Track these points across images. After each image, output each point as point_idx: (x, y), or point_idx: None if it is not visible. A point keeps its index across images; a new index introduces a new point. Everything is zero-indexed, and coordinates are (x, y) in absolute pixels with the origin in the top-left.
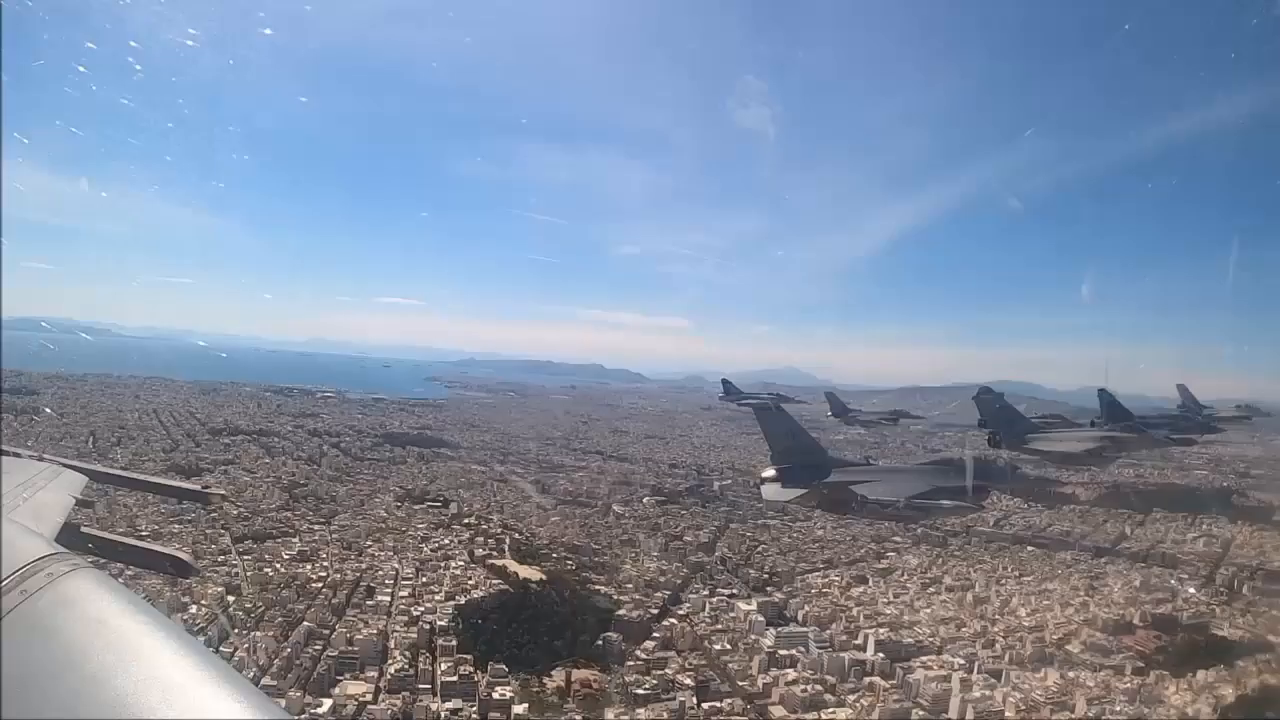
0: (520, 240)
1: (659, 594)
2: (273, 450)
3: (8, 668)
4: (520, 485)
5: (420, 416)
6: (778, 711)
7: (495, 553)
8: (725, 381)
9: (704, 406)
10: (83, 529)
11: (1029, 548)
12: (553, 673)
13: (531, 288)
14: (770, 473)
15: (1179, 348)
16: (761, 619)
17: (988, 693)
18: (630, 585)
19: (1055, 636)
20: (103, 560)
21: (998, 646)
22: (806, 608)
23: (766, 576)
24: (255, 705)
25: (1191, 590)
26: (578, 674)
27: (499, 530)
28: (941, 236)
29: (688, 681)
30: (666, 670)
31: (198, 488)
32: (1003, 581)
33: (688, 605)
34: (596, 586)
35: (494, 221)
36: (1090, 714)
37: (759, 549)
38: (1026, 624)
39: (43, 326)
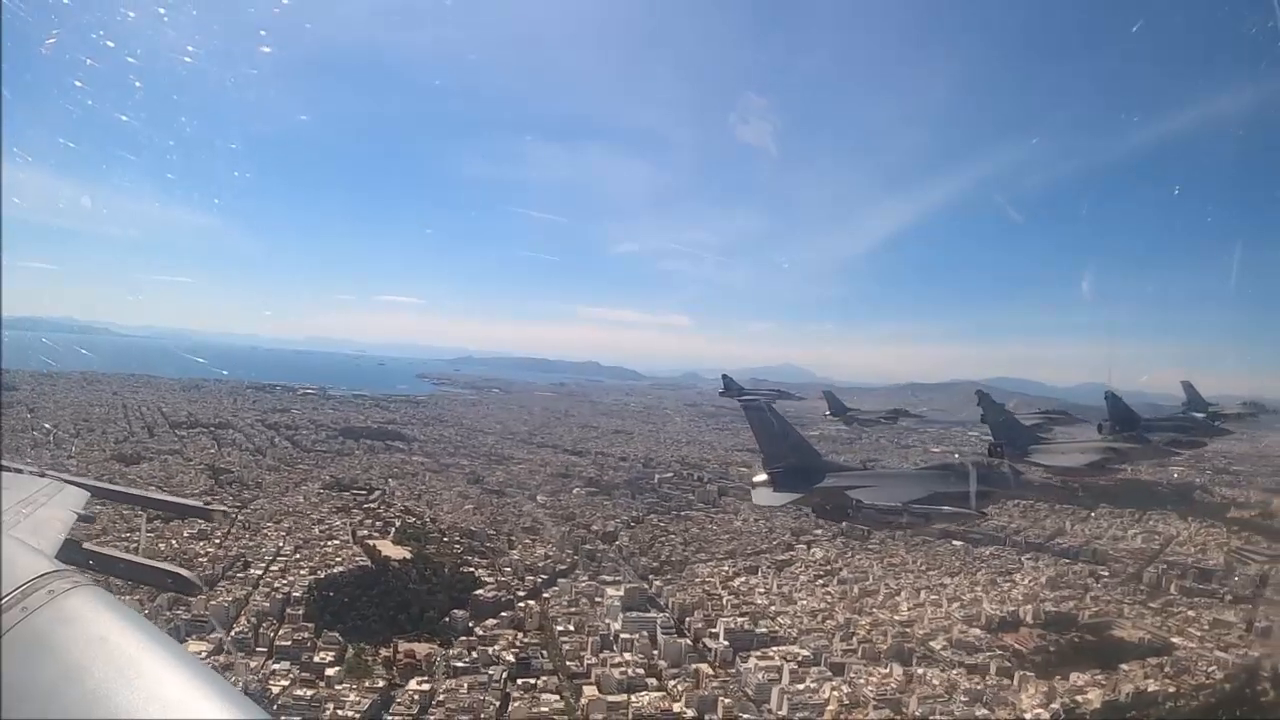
0: (520, 238)
1: (535, 578)
2: (223, 441)
3: (8, 685)
4: (455, 476)
5: (392, 412)
6: (590, 691)
7: (378, 534)
8: (725, 377)
9: (688, 403)
10: (84, 545)
11: (955, 542)
12: (390, 644)
13: (531, 286)
14: (761, 477)
15: (1177, 345)
16: (618, 604)
17: (815, 685)
18: (510, 569)
19: (923, 632)
20: (104, 577)
21: (855, 640)
22: (679, 596)
23: (657, 565)
24: None
25: (1101, 588)
26: (408, 646)
27: (396, 515)
28: (940, 234)
29: (510, 658)
30: (493, 647)
31: (200, 504)
32: (902, 575)
33: (556, 589)
34: (471, 569)
35: (494, 219)
36: (917, 712)
37: (665, 539)
38: (900, 618)
39: (42, 327)
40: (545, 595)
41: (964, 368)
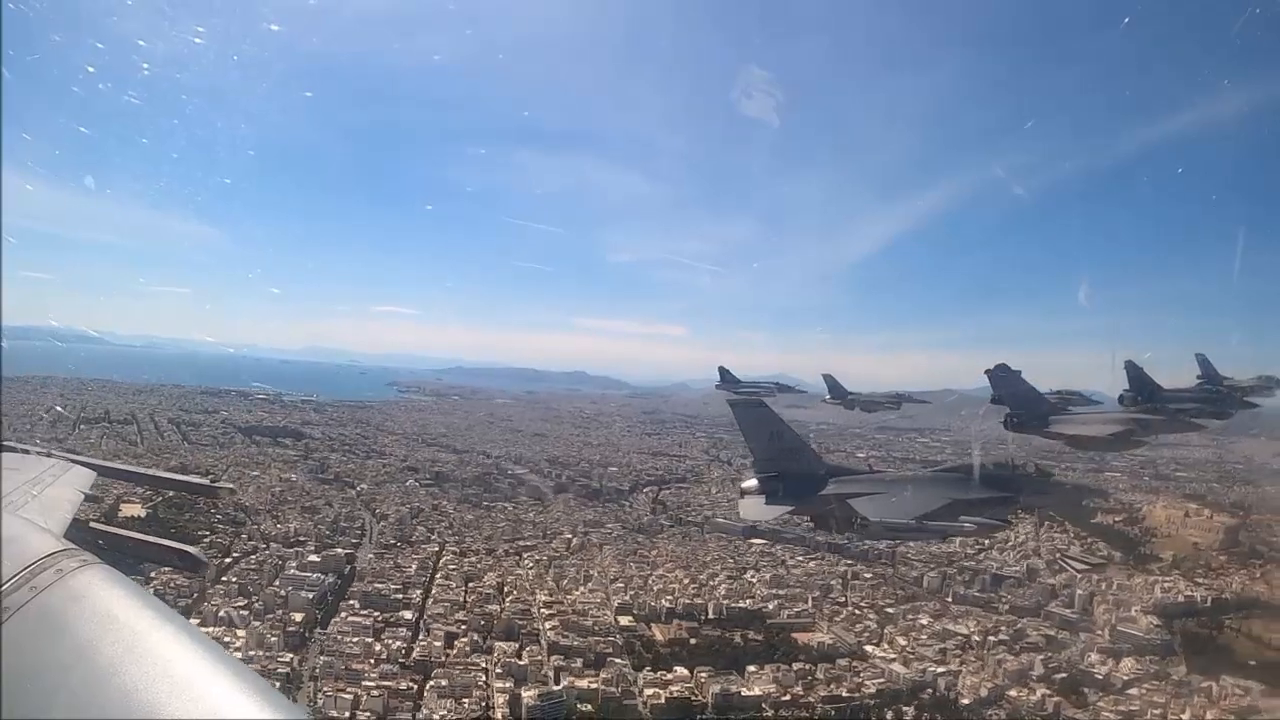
0: (518, 249)
1: (262, 545)
2: (109, 434)
3: (18, 663)
4: (301, 466)
5: (319, 414)
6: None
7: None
8: (722, 369)
9: (647, 410)
10: (91, 524)
11: (756, 541)
12: None
13: (528, 297)
14: (751, 483)
15: (1176, 349)
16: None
17: (402, 644)
18: (246, 536)
19: (545, 613)
20: (112, 555)
21: (483, 613)
22: (375, 565)
23: (396, 543)
24: (266, 701)
25: (846, 589)
26: None
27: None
28: (934, 242)
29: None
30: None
31: (206, 482)
32: (633, 565)
33: (265, 554)
34: (204, 535)
35: (491, 230)
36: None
37: (439, 524)
38: (544, 599)
39: (33, 335)
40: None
41: (959, 377)
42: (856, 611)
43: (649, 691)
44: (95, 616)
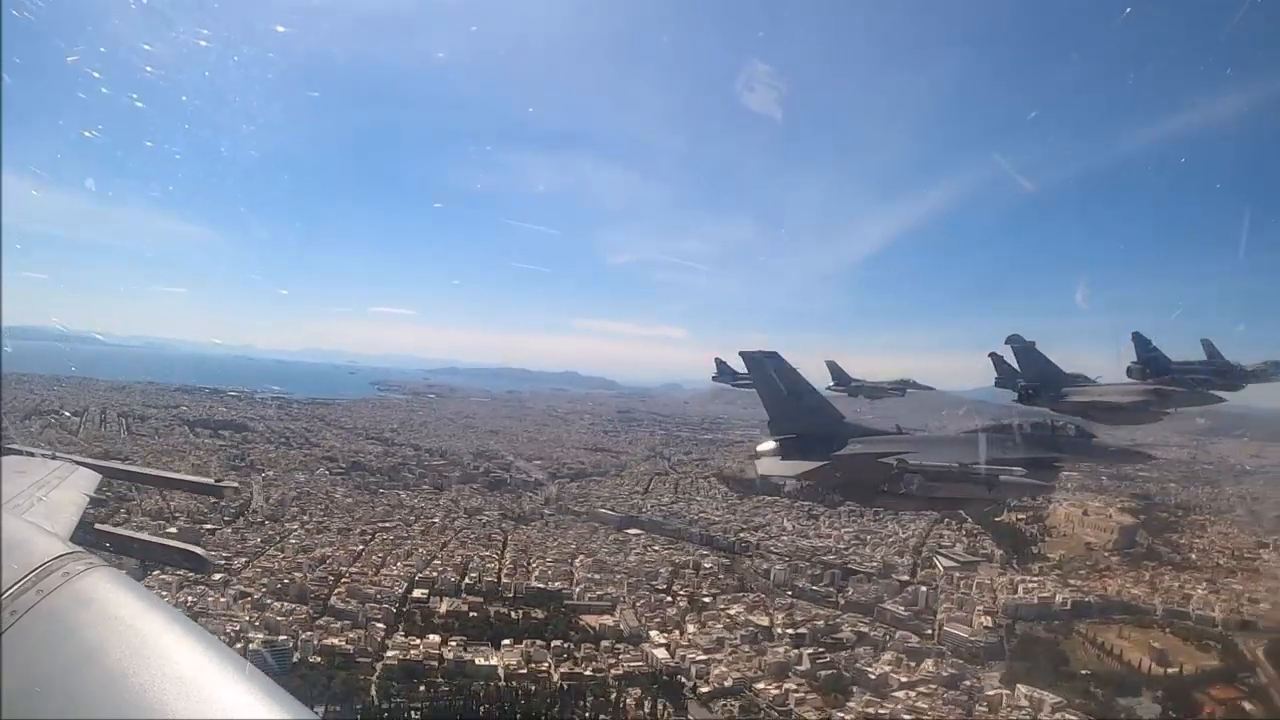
0: (516, 250)
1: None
2: (52, 424)
3: (26, 667)
4: (222, 454)
5: (280, 411)
6: None
7: None
8: (719, 361)
9: (621, 410)
10: (97, 526)
11: (632, 531)
12: None
13: (528, 298)
14: (768, 445)
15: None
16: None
17: (193, 599)
18: (126, 511)
19: (343, 583)
20: (118, 558)
21: (269, 578)
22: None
23: (260, 520)
24: (275, 703)
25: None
26: None
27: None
28: (933, 242)
29: None
30: None
31: (211, 481)
32: (472, 545)
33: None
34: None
35: (489, 232)
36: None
37: (312, 508)
38: (354, 571)
39: (28, 335)
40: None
41: (960, 378)
42: (670, 599)
43: (391, 654)
44: (102, 619)
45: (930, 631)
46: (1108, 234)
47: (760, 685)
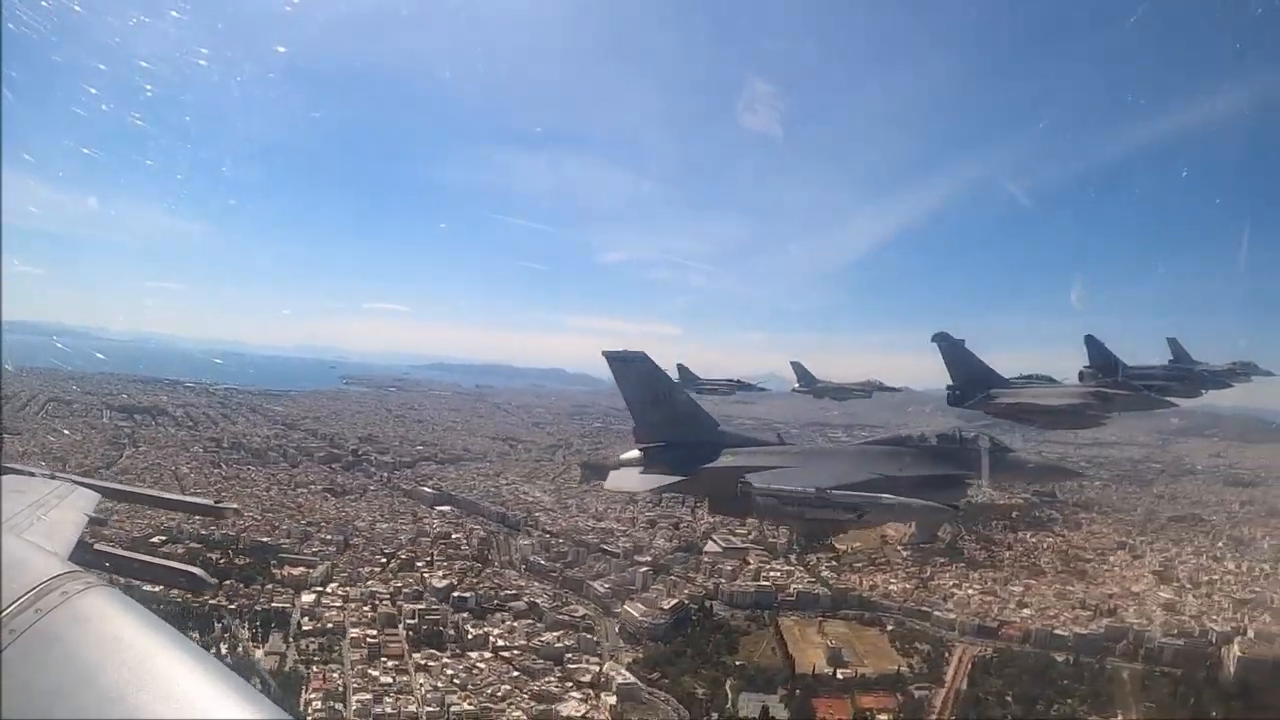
0: (509, 247)
1: None
2: None
3: (24, 687)
4: (116, 433)
5: (220, 400)
6: None
7: None
8: (680, 367)
9: (578, 404)
10: (96, 546)
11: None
12: None
13: (520, 295)
14: (632, 454)
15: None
16: None
17: None
18: None
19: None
20: (117, 578)
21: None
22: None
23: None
24: None
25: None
26: None
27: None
28: (928, 241)
29: None
30: None
31: (210, 502)
32: (250, 510)
33: None
34: None
35: (481, 228)
36: None
37: (145, 475)
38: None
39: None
40: None
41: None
42: (386, 562)
43: None
44: (101, 639)
45: (616, 610)
46: (1107, 234)
47: (355, 632)
